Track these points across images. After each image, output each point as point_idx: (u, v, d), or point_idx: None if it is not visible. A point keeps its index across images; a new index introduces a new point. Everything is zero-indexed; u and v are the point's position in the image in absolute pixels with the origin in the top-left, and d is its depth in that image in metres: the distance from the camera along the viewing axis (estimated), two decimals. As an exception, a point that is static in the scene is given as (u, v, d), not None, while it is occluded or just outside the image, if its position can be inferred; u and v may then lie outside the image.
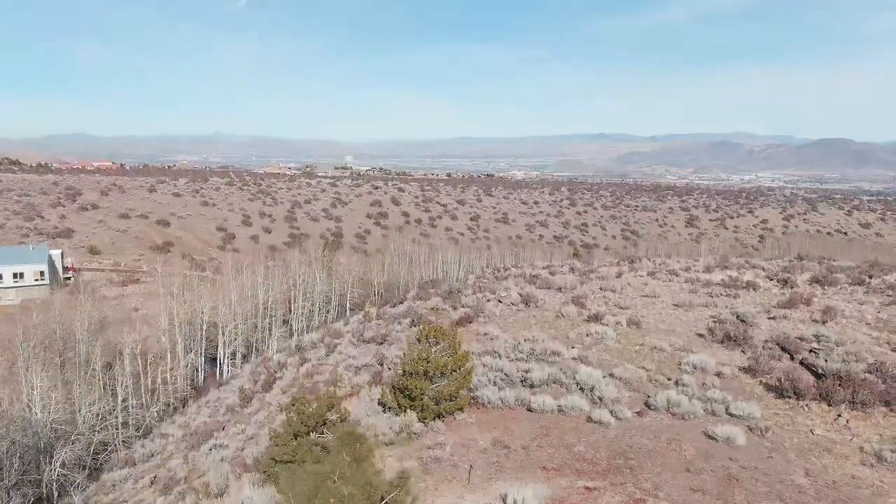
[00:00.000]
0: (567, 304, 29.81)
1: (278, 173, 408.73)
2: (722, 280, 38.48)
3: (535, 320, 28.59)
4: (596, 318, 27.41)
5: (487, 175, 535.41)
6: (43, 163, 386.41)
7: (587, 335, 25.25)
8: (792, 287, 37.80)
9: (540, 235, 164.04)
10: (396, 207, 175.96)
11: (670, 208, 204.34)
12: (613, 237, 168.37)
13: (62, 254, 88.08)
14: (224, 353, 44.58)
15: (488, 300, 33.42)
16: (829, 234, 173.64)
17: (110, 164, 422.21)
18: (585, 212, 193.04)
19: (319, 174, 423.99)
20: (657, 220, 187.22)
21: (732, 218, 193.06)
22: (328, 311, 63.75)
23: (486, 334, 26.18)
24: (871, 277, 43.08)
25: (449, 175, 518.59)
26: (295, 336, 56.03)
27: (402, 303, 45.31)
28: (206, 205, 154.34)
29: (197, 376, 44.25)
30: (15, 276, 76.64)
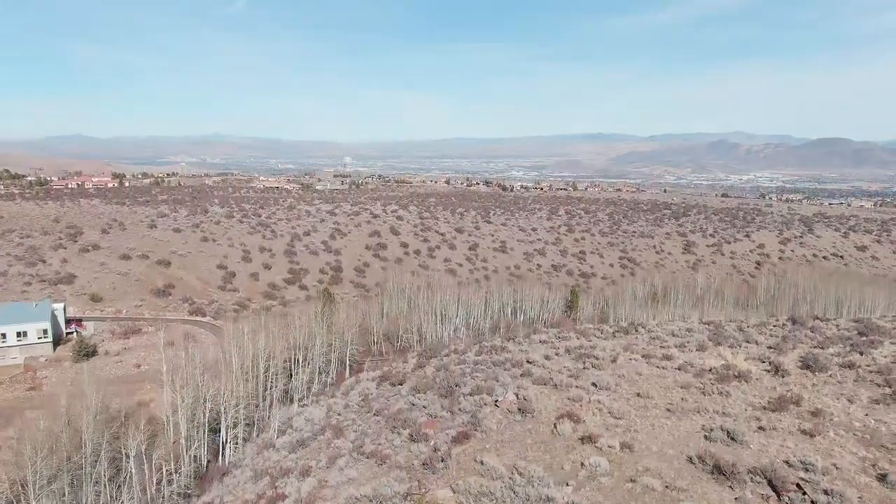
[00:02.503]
0: (563, 418, 30.64)
1: (277, 187, 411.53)
2: (713, 368, 39.46)
3: (532, 439, 29.43)
4: (590, 439, 28.30)
5: (486, 182, 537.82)
6: (42, 178, 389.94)
7: (581, 465, 26.08)
8: (783, 376, 38.92)
9: (538, 265, 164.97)
10: (395, 237, 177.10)
11: (667, 234, 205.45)
12: (611, 265, 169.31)
13: (64, 307, 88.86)
14: (227, 436, 45.26)
15: (485, 403, 34.36)
16: (825, 258, 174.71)
17: (111, 175, 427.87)
18: (583, 238, 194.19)
19: (318, 186, 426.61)
20: (654, 246, 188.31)
21: (729, 243, 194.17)
22: (328, 374, 64.45)
23: (482, 463, 26.96)
24: (861, 354, 44.23)
25: (448, 182, 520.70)
26: (296, 404, 56.68)
27: (402, 384, 46.22)
28: (206, 240, 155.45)
29: (199, 461, 44.83)
30: (18, 335, 77.38)
